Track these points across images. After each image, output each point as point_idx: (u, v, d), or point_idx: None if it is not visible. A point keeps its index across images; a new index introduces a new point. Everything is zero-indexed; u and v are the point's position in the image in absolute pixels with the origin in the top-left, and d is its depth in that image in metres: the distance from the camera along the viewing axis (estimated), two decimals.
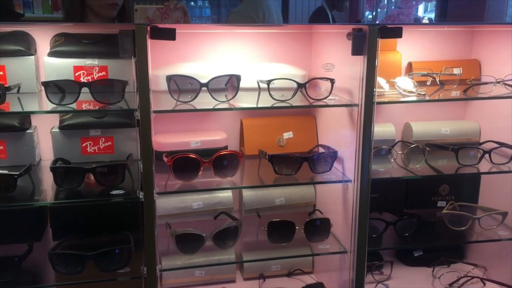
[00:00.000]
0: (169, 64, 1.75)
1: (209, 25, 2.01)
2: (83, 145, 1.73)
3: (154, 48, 1.43)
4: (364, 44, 1.50)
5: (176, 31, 1.40)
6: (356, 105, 1.58)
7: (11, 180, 1.47)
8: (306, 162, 1.65)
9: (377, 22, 5.42)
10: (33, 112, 1.60)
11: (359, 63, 1.54)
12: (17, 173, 1.48)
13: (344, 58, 1.61)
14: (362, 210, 1.62)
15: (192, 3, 5.00)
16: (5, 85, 1.45)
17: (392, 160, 1.80)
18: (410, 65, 1.94)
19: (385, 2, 6.02)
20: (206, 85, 1.57)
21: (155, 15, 1.50)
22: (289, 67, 1.83)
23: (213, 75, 1.71)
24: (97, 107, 1.51)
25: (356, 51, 1.51)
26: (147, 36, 1.38)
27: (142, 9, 1.50)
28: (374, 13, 5.76)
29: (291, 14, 4.64)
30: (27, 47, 1.64)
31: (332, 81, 1.62)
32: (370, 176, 1.60)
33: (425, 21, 5.60)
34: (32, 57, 1.65)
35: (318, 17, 4.31)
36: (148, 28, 1.38)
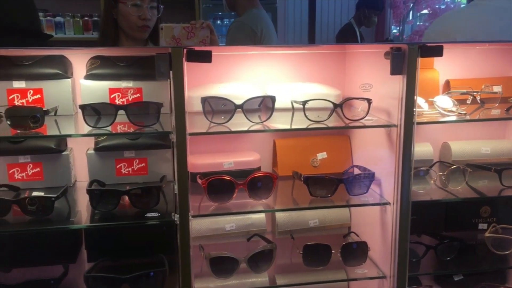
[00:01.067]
0: (202, 85, 1.74)
1: (242, 47, 2.00)
2: (118, 166, 1.73)
3: (187, 68, 1.43)
4: (404, 64, 1.47)
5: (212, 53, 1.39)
6: (395, 125, 1.54)
7: (48, 203, 1.47)
8: (342, 184, 1.61)
9: (404, 37, 5.37)
10: (70, 135, 1.61)
11: (397, 83, 1.50)
12: (55, 195, 1.48)
13: (381, 77, 1.58)
14: (402, 233, 1.57)
15: (219, 22, 5.04)
16: (44, 109, 1.46)
17: (432, 181, 1.74)
18: (447, 83, 1.89)
19: (411, 17, 5.98)
20: (241, 106, 1.55)
21: (181, 34, 1.50)
22: (323, 87, 1.80)
23: (246, 95, 1.69)
24: (131, 129, 1.51)
25: (395, 71, 1.48)
26: (183, 58, 1.38)
27: (168, 28, 1.51)
28: (400, 28, 5.72)
29: (318, 31, 4.66)
30: (64, 70, 1.67)
31: (369, 101, 1.58)
32: (411, 199, 1.55)
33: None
34: (69, 80, 1.67)
35: (346, 34, 4.31)
36: (185, 50, 1.38)
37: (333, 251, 1.67)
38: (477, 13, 2.13)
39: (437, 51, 1.46)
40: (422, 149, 1.86)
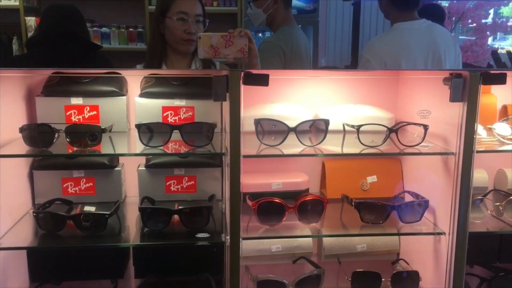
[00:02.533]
0: (253, 105, 1.74)
1: (298, 71, 1.97)
2: (167, 183, 1.75)
3: None
4: (464, 91, 1.43)
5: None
6: (453, 153, 1.49)
7: (102, 219, 1.49)
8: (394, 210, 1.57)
9: None
10: (123, 155, 1.64)
11: (456, 109, 1.46)
12: (108, 212, 1.50)
13: (438, 103, 1.54)
14: (457, 265, 1.51)
15: (260, 34, 5.06)
16: (101, 127, 1.49)
17: (489, 211, 1.68)
18: (505, 108, 1.83)
19: (455, 31, 5.83)
20: (294, 129, 1.54)
21: (219, 43, 1.50)
22: (375, 109, 1.77)
23: (297, 116, 1.68)
24: (182, 147, 1.53)
25: (455, 98, 1.44)
26: (241, 81, 1.38)
27: (206, 37, 1.50)
28: None
29: (361, 45, 4.59)
30: (119, 88, 1.70)
31: (425, 127, 1.54)
32: (468, 229, 1.49)
33: (502, 51, 5.36)
34: (124, 97, 1.70)
35: None
36: (242, 74, 1.38)
37: (382, 279, 1.62)
38: (397, 36, 2.28)
39: (500, 79, 1.41)
40: (477, 175, 1.79)
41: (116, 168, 1.72)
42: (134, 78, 1.77)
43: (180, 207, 1.55)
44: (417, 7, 2.40)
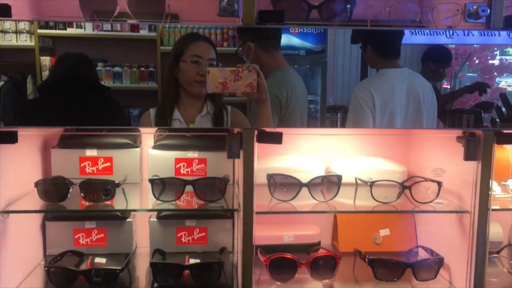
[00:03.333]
0: (265, 157, 1.75)
1: (311, 129, 1.96)
2: (178, 235, 1.74)
3: None
4: (478, 149, 1.43)
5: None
6: (468, 212, 1.48)
7: (113, 275, 1.48)
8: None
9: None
10: (136, 210, 1.65)
11: (470, 167, 1.46)
12: (120, 268, 1.49)
13: (452, 160, 1.53)
14: None
15: None
16: (115, 182, 1.50)
17: (505, 269, 1.65)
18: None
19: (462, 71, 5.88)
20: (306, 185, 1.54)
21: (228, 77, 1.50)
22: (387, 163, 1.77)
23: (309, 169, 1.68)
24: (194, 199, 1.53)
25: (469, 156, 1.43)
26: (254, 139, 1.39)
27: (215, 71, 1.51)
28: (452, 83, 5.62)
29: None
30: (133, 139, 1.72)
31: (439, 184, 1.54)
32: None
33: (509, 89, 5.36)
34: (138, 149, 1.72)
35: None
36: (256, 132, 1.40)
37: None
38: (383, 80, 2.17)
39: None
40: (492, 230, 1.74)
41: (127, 220, 1.72)
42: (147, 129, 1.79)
43: (191, 263, 1.54)
44: (399, 56, 2.42)
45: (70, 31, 1.86)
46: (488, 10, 1.36)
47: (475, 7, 1.37)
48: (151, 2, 1.55)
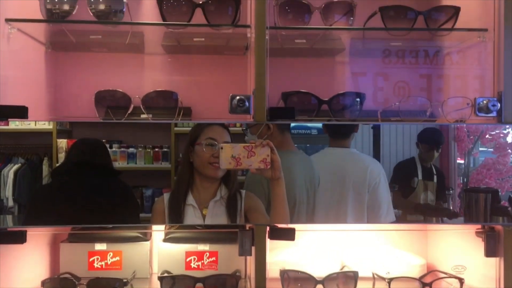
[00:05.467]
0: (278, 249, 1.70)
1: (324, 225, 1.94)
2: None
3: None
4: (499, 245, 1.37)
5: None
6: None
7: None
8: None
9: (469, 170, 5.22)
10: None
11: (493, 262, 1.39)
12: None
13: (472, 253, 1.47)
14: None
15: None
16: (123, 280, 1.46)
17: None
18: None
19: (475, 148, 5.84)
20: (322, 282, 1.48)
21: (241, 153, 1.47)
22: (406, 254, 1.71)
23: (323, 263, 1.63)
24: None
25: (490, 253, 1.38)
26: (266, 236, 1.36)
27: (228, 147, 1.49)
28: (466, 161, 5.57)
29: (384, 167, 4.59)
30: (143, 233, 1.69)
31: (461, 281, 1.46)
32: None
33: None
34: (148, 242, 1.69)
35: (405, 169, 4.22)
36: (268, 228, 1.37)
37: None
38: (321, 157, 2.13)
39: None
40: None
41: None
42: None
43: None
44: (347, 137, 2.41)
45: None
46: (499, 105, 1.37)
47: (485, 101, 1.38)
48: (164, 97, 1.59)
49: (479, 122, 1.44)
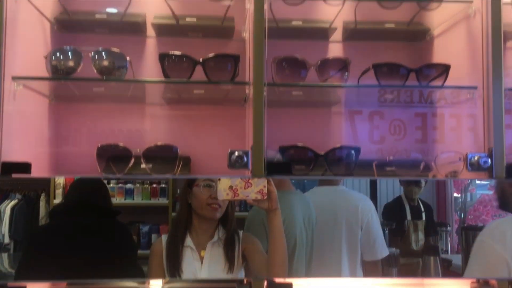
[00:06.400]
0: None
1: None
2: None
3: None
4: None
5: None
6: None
7: None
8: None
9: (467, 206, 5.22)
10: None
11: None
12: None
13: None
14: None
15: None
16: None
17: None
18: None
19: (472, 185, 5.84)
20: None
21: (238, 184, 1.49)
22: None
23: None
24: None
25: None
26: None
27: (225, 180, 1.50)
28: (462, 197, 5.56)
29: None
30: (142, 280, 1.70)
31: None
32: None
33: None
34: None
35: (393, 208, 4.20)
36: (265, 282, 1.38)
37: None
38: (318, 197, 2.24)
39: None
40: None
41: None
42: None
43: None
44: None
45: None
46: (489, 161, 1.41)
47: (476, 157, 1.42)
48: (165, 151, 1.62)
49: (471, 178, 1.48)
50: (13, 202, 4.26)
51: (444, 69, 1.56)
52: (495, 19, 1.43)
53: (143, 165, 1.72)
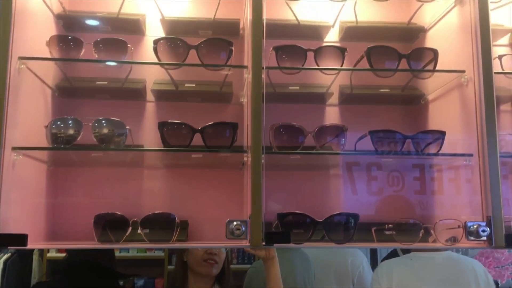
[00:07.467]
0: None
1: None
2: None
3: None
4: None
5: None
6: None
7: None
8: None
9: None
10: None
11: None
12: None
13: None
14: None
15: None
16: None
17: None
18: None
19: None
20: None
21: None
22: None
23: None
24: None
25: None
26: None
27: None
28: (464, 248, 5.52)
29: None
30: None
31: None
32: None
33: None
34: None
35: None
36: None
37: None
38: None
39: None
40: None
41: None
42: None
43: None
44: None
45: None
46: (488, 230, 1.41)
47: (475, 226, 1.42)
48: (162, 218, 1.61)
49: (470, 246, 1.47)
50: (6, 256, 4.21)
51: (440, 136, 1.58)
52: (487, 89, 1.46)
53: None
